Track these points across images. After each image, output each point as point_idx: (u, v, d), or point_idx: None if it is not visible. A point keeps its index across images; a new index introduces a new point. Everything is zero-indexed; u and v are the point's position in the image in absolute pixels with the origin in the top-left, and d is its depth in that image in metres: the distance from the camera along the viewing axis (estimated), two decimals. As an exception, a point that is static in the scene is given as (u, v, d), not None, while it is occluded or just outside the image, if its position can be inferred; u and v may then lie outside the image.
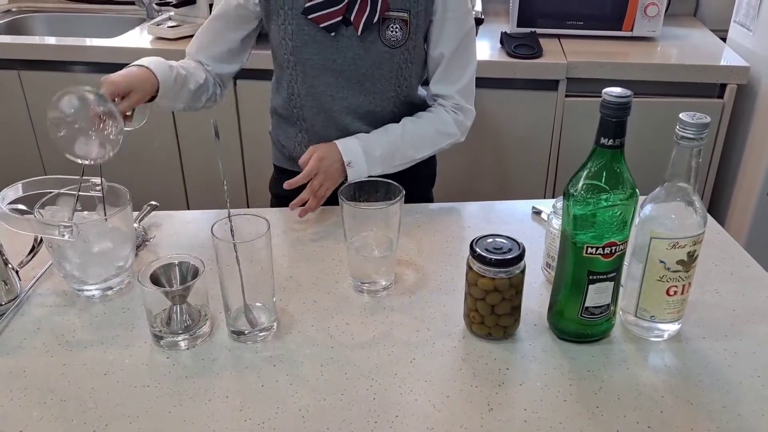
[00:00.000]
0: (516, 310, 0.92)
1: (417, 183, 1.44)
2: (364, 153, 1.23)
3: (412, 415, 0.81)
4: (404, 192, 1.01)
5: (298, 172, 1.21)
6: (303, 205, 1.20)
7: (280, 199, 1.45)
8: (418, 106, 1.36)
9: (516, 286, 0.90)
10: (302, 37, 1.23)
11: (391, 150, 1.26)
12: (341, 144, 1.23)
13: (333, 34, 1.21)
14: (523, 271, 0.90)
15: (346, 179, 1.22)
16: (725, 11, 2.33)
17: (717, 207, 2.25)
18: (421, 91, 1.38)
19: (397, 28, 1.22)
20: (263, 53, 2.04)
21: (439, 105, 1.33)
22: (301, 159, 1.21)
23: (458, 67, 1.30)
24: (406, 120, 1.30)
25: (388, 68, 1.26)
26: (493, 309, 0.90)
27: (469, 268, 0.91)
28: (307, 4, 1.19)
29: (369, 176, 1.22)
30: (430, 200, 1.51)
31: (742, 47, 2.13)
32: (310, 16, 1.20)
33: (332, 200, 1.24)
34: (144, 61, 1.19)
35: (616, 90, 0.79)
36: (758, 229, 2.05)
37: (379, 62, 1.25)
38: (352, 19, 1.20)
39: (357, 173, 1.22)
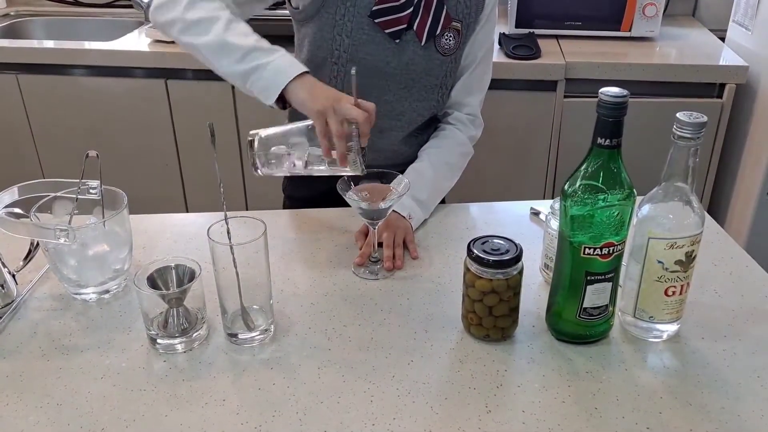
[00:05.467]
0: (514, 311, 0.91)
1: None
2: (415, 201, 1.20)
3: (410, 417, 0.80)
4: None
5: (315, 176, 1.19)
6: (370, 261, 1.10)
7: (294, 200, 1.44)
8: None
9: (514, 288, 0.89)
10: (361, 36, 1.21)
11: (432, 190, 1.24)
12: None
13: (398, 41, 1.21)
14: (520, 273, 0.89)
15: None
16: (724, 11, 2.33)
17: (717, 207, 2.24)
18: None
19: (451, 36, 1.23)
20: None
21: (450, 123, 1.33)
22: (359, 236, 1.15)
23: (482, 76, 1.32)
24: (430, 154, 1.29)
25: (436, 75, 1.27)
26: (491, 310, 0.90)
27: (467, 269, 0.90)
28: (375, 8, 1.18)
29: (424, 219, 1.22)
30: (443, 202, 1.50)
31: (740, 47, 2.12)
32: (377, 20, 1.19)
33: (328, 202, 1.24)
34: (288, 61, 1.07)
35: (613, 90, 0.79)
36: (758, 230, 2.04)
37: (430, 68, 1.25)
38: (415, 27, 1.20)
39: (417, 221, 1.19)
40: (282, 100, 1.07)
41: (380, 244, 1.11)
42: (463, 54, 1.29)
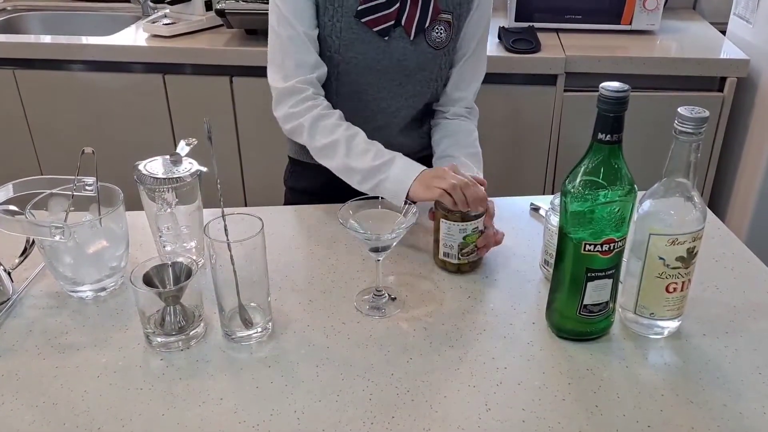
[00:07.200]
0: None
1: None
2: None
3: (409, 416, 0.80)
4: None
5: (317, 165, 1.18)
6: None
7: (296, 192, 1.44)
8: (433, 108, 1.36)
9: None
10: (350, 36, 1.21)
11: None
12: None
13: (387, 38, 1.20)
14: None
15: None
16: (725, 4, 2.32)
17: (717, 202, 2.24)
18: None
19: (441, 29, 1.22)
20: (258, 50, 2.04)
21: (449, 119, 1.32)
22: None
23: (477, 66, 1.31)
24: (458, 150, 1.28)
25: (430, 69, 1.26)
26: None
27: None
28: (360, 7, 1.18)
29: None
30: None
31: (741, 40, 2.11)
32: (363, 20, 1.19)
33: (329, 193, 1.23)
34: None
35: (614, 84, 0.78)
36: (759, 224, 2.03)
37: (423, 63, 1.25)
38: (403, 23, 1.20)
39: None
40: None
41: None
42: (456, 46, 1.28)
